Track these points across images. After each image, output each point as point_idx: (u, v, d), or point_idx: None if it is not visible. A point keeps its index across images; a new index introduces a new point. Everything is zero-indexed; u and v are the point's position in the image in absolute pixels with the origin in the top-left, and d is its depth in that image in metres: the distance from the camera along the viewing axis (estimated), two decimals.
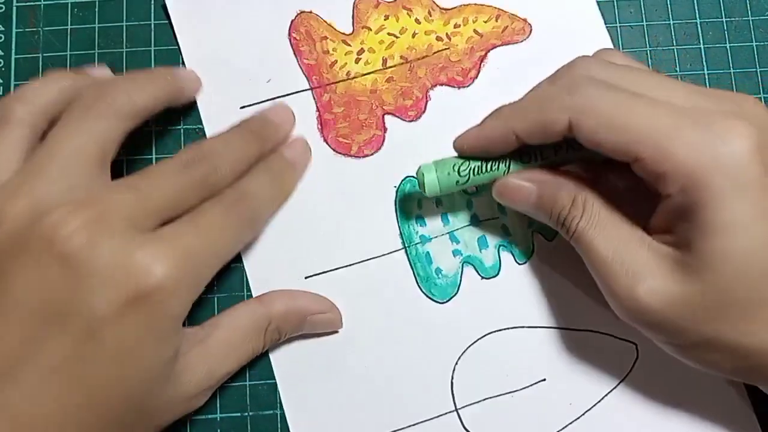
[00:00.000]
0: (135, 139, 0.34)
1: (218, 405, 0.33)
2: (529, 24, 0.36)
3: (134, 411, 0.26)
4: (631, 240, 0.28)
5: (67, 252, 0.25)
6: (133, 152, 0.35)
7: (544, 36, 0.36)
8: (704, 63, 0.36)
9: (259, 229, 0.32)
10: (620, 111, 0.26)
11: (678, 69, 0.36)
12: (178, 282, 0.26)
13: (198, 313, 0.33)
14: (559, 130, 0.28)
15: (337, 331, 0.33)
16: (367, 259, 0.34)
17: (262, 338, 0.31)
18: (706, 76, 0.36)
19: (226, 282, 0.34)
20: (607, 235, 0.28)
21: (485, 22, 0.36)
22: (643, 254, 0.27)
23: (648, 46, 0.36)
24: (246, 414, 0.33)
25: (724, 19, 0.37)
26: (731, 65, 0.36)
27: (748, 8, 0.37)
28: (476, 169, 0.31)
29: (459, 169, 0.31)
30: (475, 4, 0.36)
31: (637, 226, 0.28)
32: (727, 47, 0.37)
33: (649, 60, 0.36)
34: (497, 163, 0.31)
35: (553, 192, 0.30)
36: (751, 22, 0.37)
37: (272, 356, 0.33)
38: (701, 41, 0.37)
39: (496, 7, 0.36)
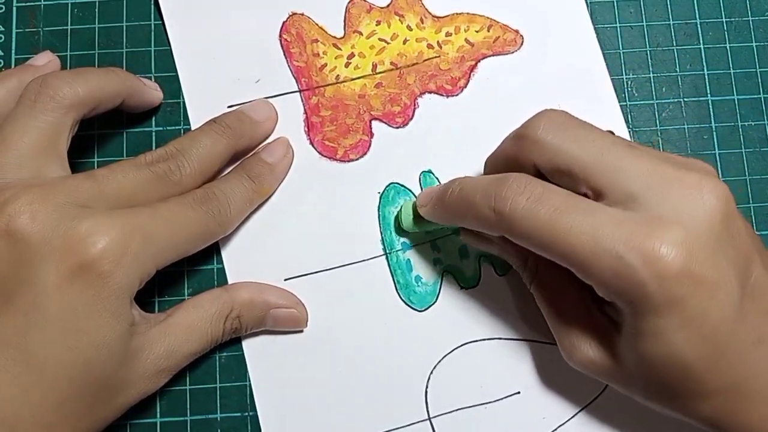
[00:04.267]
0: (134, 140, 0.35)
1: (218, 405, 0.33)
2: (521, 35, 0.36)
3: (92, 387, 0.27)
4: (574, 308, 0.29)
5: (13, 228, 0.26)
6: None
7: (535, 48, 0.36)
8: (704, 63, 0.36)
9: (229, 228, 0.32)
10: (543, 234, 0.26)
11: (678, 69, 0.36)
12: (123, 254, 0.26)
13: None
14: (495, 237, 0.29)
15: (301, 331, 0.33)
16: (348, 264, 0.34)
17: (222, 324, 0.31)
18: (706, 76, 0.36)
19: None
20: (555, 299, 0.30)
21: (477, 31, 0.36)
22: (584, 324, 0.29)
23: (648, 46, 0.36)
24: (246, 414, 0.33)
25: (724, 19, 0.37)
26: (731, 65, 0.36)
27: (748, 8, 0.37)
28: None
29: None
30: (468, 14, 0.36)
31: (585, 293, 0.29)
32: (727, 47, 0.37)
33: (649, 60, 0.36)
34: None
35: (507, 250, 0.31)
36: (751, 22, 0.37)
37: (247, 358, 0.33)
38: (701, 41, 0.37)
39: (488, 17, 0.36)
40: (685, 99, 0.36)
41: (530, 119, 0.29)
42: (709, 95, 0.36)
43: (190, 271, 0.34)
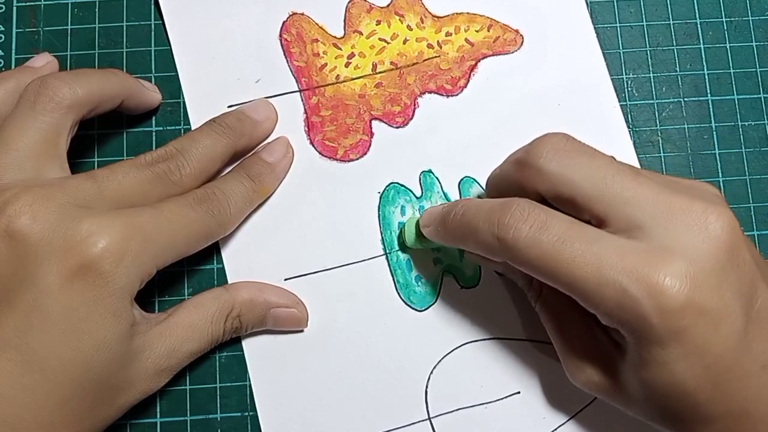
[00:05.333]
0: (134, 140, 0.35)
1: (218, 405, 0.33)
2: (521, 35, 0.36)
3: (94, 387, 0.27)
4: (578, 330, 0.29)
5: (13, 229, 0.26)
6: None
7: (535, 48, 0.36)
8: (704, 63, 0.36)
9: (229, 228, 0.32)
10: (546, 263, 0.26)
11: (678, 69, 0.36)
12: (124, 254, 0.26)
13: None
14: (500, 263, 0.29)
15: (302, 331, 0.33)
16: (348, 264, 0.34)
17: (223, 324, 0.31)
18: (706, 76, 0.36)
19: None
20: (559, 320, 0.30)
21: (477, 31, 0.36)
22: (588, 346, 0.29)
23: (648, 46, 0.36)
24: (246, 414, 0.33)
25: (724, 19, 0.37)
26: (731, 65, 0.36)
27: (748, 8, 0.37)
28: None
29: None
30: (468, 14, 0.36)
31: (588, 314, 0.28)
32: (727, 47, 0.37)
33: (649, 60, 0.36)
34: None
35: (512, 270, 0.31)
36: (751, 22, 0.37)
37: (248, 358, 0.33)
38: (701, 41, 0.37)
39: (488, 17, 0.36)
40: (685, 99, 0.36)
41: (532, 144, 0.28)
42: (709, 95, 0.36)
43: (190, 271, 0.34)
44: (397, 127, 0.35)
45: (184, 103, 0.35)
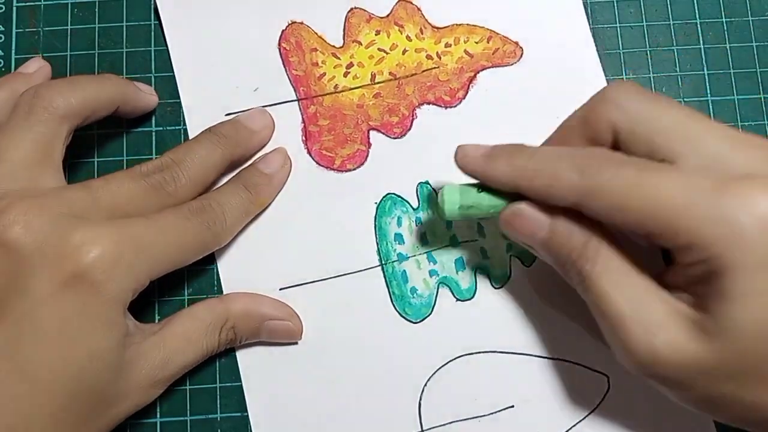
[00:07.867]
0: (134, 140, 0.35)
1: (218, 405, 0.33)
2: (521, 47, 0.36)
3: (86, 398, 0.27)
4: (646, 293, 0.26)
5: (6, 239, 0.26)
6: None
7: (534, 60, 0.35)
8: (704, 63, 0.36)
9: (225, 240, 0.32)
10: (631, 193, 0.25)
11: (678, 69, 0.36)
12: (116, 263, 0.26)
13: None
14: (566, 205, 0.27)
15: (296, 343, 0.33)
16: (344, 274, 0.34)
17: (217, 335, 0.31)
18: (706, 77, 0.36)
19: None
20: (621, 286, 0.26)
21: (476, 43, 0.36)
22: (659, 308, 0.26)
23: (648, 46, 0.36)
24: (246, 414, 0.33)
25: (724, 19, 0.37)
26: (731, 65, 0.36)
27: (748, 8, 0.37)
28: (496, 208, 0.30)
29: (481, 205, 0.30)
30: (468, 25, 0.36)
31: (651, 279, 0.27)
32: (727, 47, 0.36)
33: (649, 60, 0.36)
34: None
35: (565, 232, 0.28)
36: (751, 22, 0.37)
37: (241, 368, 0.33)
38: (701, 41, 0.36)
39: (488, 29, 0.36)
40: (685, 99, 0.36)
41: (603, 89, 0.28)
42: (709, 95, 0.36)
43: (190, 271, 0.34)
44: (395, 138, 0.35)
45: None
